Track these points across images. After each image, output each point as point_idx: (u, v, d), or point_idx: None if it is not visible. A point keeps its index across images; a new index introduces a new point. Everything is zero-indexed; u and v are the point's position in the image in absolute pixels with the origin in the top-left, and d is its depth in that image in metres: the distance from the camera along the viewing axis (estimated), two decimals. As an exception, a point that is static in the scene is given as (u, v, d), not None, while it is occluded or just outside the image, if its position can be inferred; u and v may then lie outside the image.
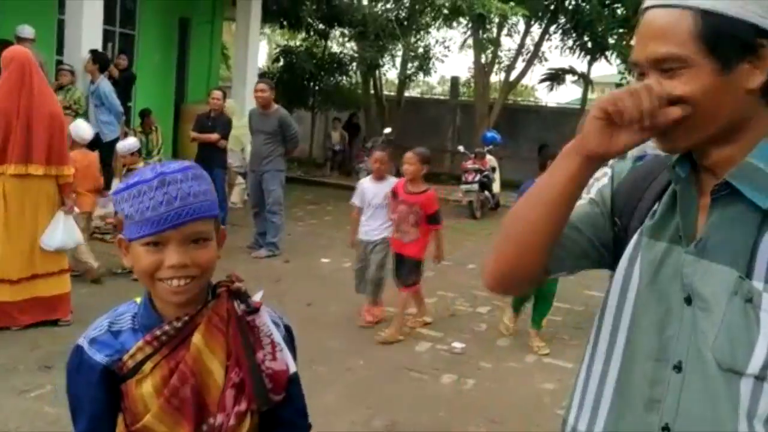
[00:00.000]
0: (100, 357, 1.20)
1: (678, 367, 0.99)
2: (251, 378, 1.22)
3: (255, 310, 1.27)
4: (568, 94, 19.11)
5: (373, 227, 5.10)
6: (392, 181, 5.07)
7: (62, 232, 4.41)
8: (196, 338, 1.21)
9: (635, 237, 1.09)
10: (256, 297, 1.30)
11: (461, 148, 11.51)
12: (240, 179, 9.98)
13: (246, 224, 7.98)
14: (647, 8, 1.00)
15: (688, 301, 0.99)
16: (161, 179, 1.14)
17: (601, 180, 1.19)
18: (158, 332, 1.20)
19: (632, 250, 1.08)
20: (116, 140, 7.95)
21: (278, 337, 1.29)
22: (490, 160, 10.89)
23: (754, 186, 0.96)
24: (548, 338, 5.00)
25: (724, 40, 0.94)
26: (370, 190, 5.21)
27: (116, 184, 8.20)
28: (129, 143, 5.90)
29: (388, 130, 12.44)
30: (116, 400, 1.22)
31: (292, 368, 1.30)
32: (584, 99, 14.98)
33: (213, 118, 7.66)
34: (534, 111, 15.76)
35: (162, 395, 1.20)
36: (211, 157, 7.60)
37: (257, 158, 7.08)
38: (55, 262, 4.47)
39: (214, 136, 7.53)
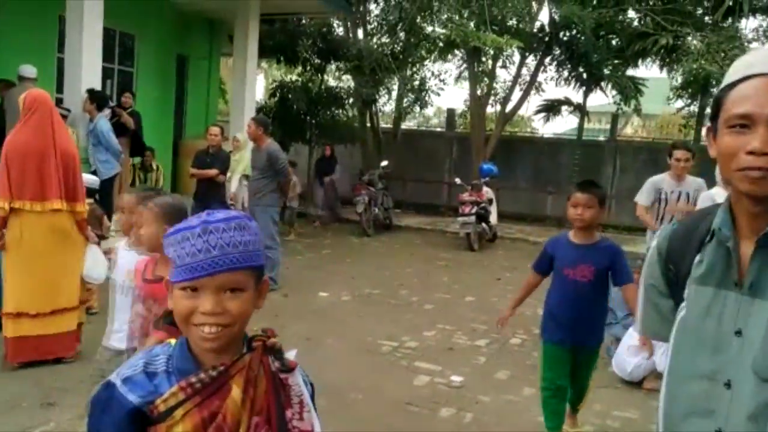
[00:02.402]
0: (132, 397, 1.20)
1: (728, 385, 1.25)
2: None
3: (290, 369, 1.28)
4: (564, 124, 19.31)
5: (116, 326, 3.07)
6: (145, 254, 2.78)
7: (101, 264, 4.57)
8: (235, 393, 1.22)
9: (688, 287, 1.36)
10: (290, 355, 1.31)
11: (458, 180, 11.58)
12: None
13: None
14: (763, 74, 1.21)
15: (739, 333, 1.25)
16: (204, 227, 1.19)
17: (650, 265, 1.49)
18: (194, 379, 1.21)
19: (687, 295, 1.36)
20: (114, 177, 8.02)
21: (308, 397, 1.32)
22: (487, 191, 10.93)
23: None
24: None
25: None
26: (120, 259, 3.16)
27: (116, 220, 8.24)
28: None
29: (384, 162, 12.53)
30: None
31: (317, 430, 1.32)
32: (580, 129, 15.11)
33: (212, 154, 7.74)
34: (530, 142, 15.87)
35: None
36: (210, 193, 7.66)
37: (251, 193, 7.20)
38: (71, 298, 4.53)
39: (213, 172, 7.61)
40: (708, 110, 14.76)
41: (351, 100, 14.26)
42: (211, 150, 7.78)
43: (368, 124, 15.12)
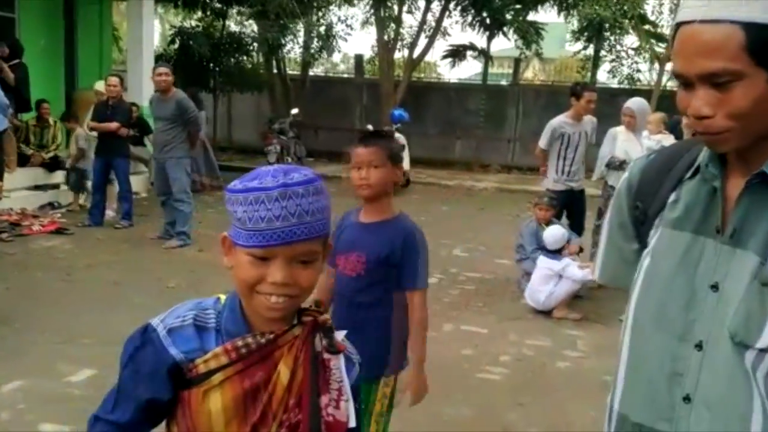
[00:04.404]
0: (174, 351, 1.12)
1: (699, 346, 1.10)
2: (310, 423, 1.14)
3: (337, 351, 1.20)
4: (469, 69, 19.63)
5: None
6: None
7: None
8: (283, 373, 1.14)
9: (659, 229, 1.19)
10: (339, 336, 1.22)
11: (370, 127, 11.60)
12: (142, 167, 9.64)
13: (153, 214, 7.74)
14: (685, 22, 1.02)
15: (715, 287, 1.09)
16: (283, 191, 1.07)
17: (617, 200, 1.30)
18: (240, 343, 1.13)
19: (656, 240, 1.19)
20: (3, 132, 7.46)
21: (348, 384, 1.22)
22: (399, 137, 11.02)
23: None
24: (462, 306, 5.22)
25: None
26: None
27: (9, 176, 7.71)
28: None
29: (295, 110, 12.34)
30: (169, 402, 1.15)
31: (353, 422, 1.21)
32: (485, 74, 15.41)
33: (112, 106, 7.34)
34: (437, 87, 16.05)
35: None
36: (112, 147, 7.30)
37: (158, 146, 6.88)
38: None
39: (114, 125, 7.23)
40: (602, 53, 15.36)
41: (256, 46, 13.83)
42: (111, 102, 7.37)
43: (275, 71, 14.75)
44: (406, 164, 11.21)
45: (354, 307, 2.30)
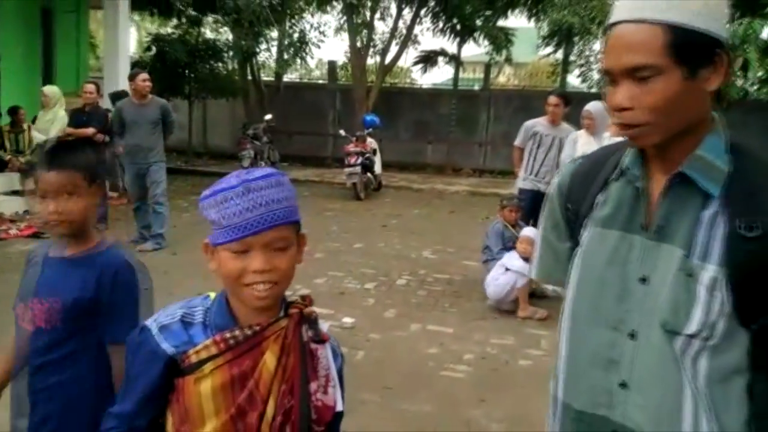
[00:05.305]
0: (166, 346, 1.24)
1: (632, 335, 1.20)
2: (301, 408, 1.24)
3: (322, 341, 1.29)
4: (441, 75, 19.89)
5: None
6: None
7: None
8: (270, 360, 1.24)
9: (589, 228, 1.28)
10: (323, 327, 1.32)
11: (343, 132, 11.83)
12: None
13: (126, 218, 7.83)
14: (618, 22, 1.14)
15: (644, 280, 1.18)
16: (246, 186, 1.19)
17: (550, 203, 1.39)
18: (228, 335, 1.23)
19: (587, 239, 1.28)
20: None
21: (335, 372, 1.32)
22: (371, 142, 11.26)
23: (705, 176, 1.15)
24: (430, 307, 5.42)
25: (691, 50, 1.10)
26: None
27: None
28: None
29: (269, 116, 12.50)
30: (167, 391, 1.26)
31: (339, 407, 1.32)
32: (456, 79, 15.69)
33: (88, 113, 7.48)
34: (409, 93, 16.28)
35: (228, 413, 1.23)
36: (88, 153, 7.41)
37: (141, 150, 6.91)
38: None
39: (90, 131, 7.36)
40: (571, 57, 15.66)
41: (230, 53, 13.96)
42: (87, 108, 7.51)
43: (249, 78, 14.88)
44: (378, 168, 11.47)
45: (43, 375, 1.69)
